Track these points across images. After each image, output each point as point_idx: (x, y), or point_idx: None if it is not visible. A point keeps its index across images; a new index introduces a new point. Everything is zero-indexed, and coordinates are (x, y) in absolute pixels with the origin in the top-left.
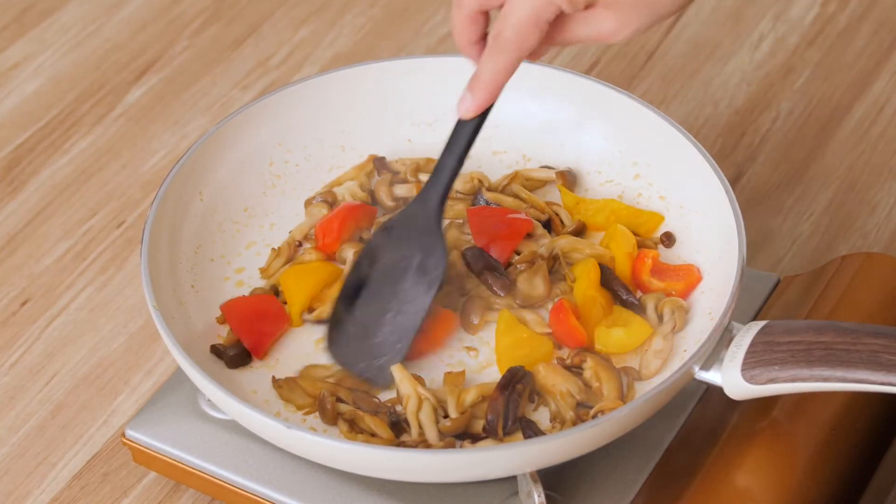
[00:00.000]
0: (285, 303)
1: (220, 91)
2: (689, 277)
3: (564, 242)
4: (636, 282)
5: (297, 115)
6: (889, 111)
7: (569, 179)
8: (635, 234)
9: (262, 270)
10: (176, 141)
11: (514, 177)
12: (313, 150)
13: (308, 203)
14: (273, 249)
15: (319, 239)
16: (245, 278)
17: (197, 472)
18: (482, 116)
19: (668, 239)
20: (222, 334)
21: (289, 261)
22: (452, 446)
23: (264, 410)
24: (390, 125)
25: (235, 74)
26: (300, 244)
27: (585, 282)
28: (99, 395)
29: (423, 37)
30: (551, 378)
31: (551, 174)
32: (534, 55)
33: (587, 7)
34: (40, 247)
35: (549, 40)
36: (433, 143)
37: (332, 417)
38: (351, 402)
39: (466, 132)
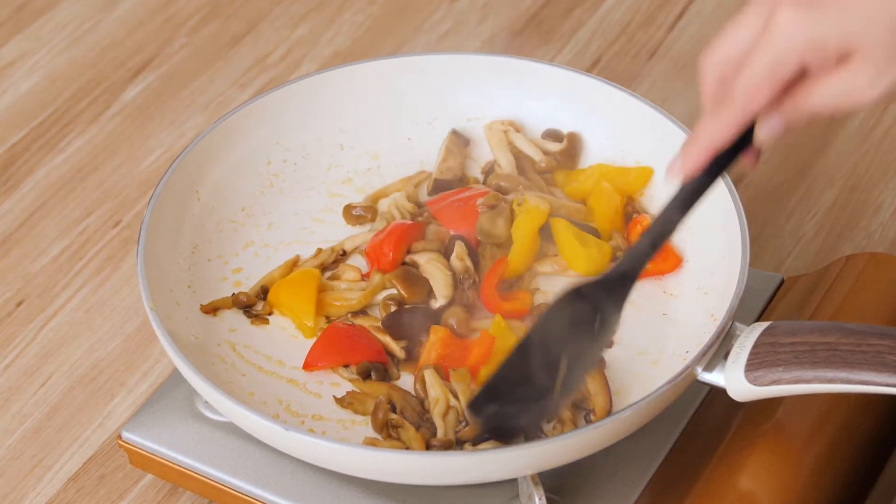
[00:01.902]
0: (270, 313)
1: (218, 89)
2: (671, 259)
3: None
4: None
5: (295, 113)
6: (894, 109)
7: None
8: (628, 195)
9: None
10: (173, 140)
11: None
12: (312, 149)
13: (348, 209)
14: (319, 249)
15: (373, 262)
16: (242, 279)
17: (194, 475)
18: (697, 185)
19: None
20: (221, 334)
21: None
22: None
23: (262, 412)
24: (389, 123)
25: (233, 72)
26: (344, 253)
27: (527, 221)
28: (95, 396)
29: (423, 34)
30: None
31: (542, 154)
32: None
33: (839, 62)
34: (36, 247)
35: (784, 103)
36: (432, 142)
37: (381, 425)
38: (399, 411)
39: (676, 202)
